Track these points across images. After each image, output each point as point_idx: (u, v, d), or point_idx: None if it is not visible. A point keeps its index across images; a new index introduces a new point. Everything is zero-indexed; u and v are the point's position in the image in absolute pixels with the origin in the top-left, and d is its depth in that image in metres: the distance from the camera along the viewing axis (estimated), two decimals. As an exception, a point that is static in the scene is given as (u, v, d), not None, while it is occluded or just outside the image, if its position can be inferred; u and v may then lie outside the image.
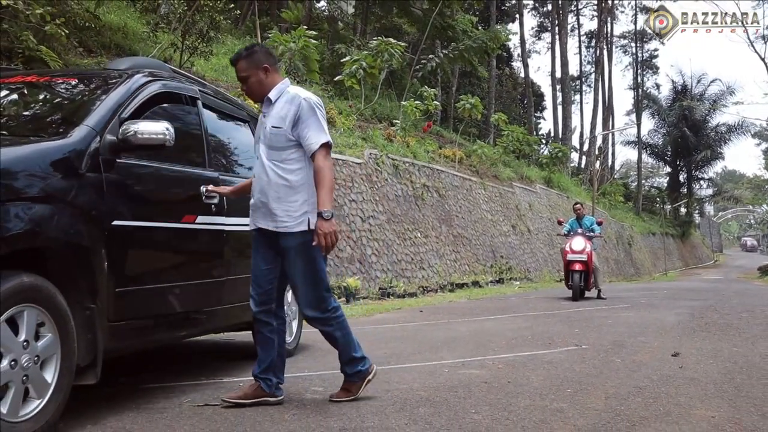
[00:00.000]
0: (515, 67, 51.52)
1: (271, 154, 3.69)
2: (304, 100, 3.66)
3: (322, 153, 3.64)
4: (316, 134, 3.65)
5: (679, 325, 7.85)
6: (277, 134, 3.65)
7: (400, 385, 4.22)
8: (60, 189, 3.12)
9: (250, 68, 3.70)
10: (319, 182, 3.61)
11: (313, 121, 3.65)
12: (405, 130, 19.73)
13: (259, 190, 3.74)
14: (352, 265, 13.88)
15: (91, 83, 4.02)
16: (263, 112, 3.79)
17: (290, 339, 5.50)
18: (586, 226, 12.16)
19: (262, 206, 3.72)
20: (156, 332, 3.89)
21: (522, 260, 23.48)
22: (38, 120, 3.75)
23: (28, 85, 4.06)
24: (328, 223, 3.53)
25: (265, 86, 3.73)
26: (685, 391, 4.12)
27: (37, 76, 4.20)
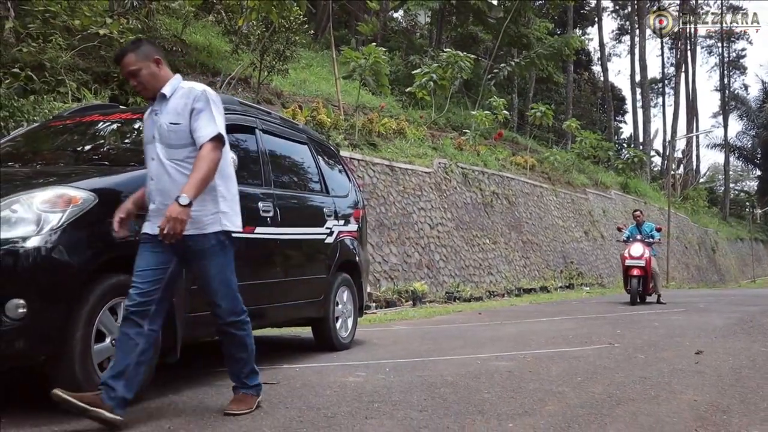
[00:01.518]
0: (595, 71, 51.13)
1: (170, 152, 3.45)
2: (200, 92, 3.49)
3: (211, 145, 3.40)
4: (207, 125, 3.43)
5: (723, 327, 8.17)
6: (176, 131, 3.44)
7: (433, 372, 4.87)
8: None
9: (140, 61, 3.47)
10: (195, 168, 3.35)
11: (207, 113, 3.45)
12: (475, 139, 20.27)
13: (161, 193, 3.46)
14: (420, 270, 14.55)
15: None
16: (155, 109, 3.55)
17: (345, 334, 6.26)
18: (645, 233, 12.44)
19: (166, 209, 3.33)
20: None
21: (594, 266, 23.60)
22: (132, 151, 4.60)
23: (125, 121, 4.95)
24: (181, 209, 3.23)
25: (159, 79, 3.51)
26: (686, 381, 4.60)
27: (131, 113, 5.09)
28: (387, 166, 14.94)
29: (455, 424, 3.33)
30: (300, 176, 5.97)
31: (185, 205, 3.23)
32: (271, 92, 15.93)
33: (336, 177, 6.61)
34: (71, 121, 5.02)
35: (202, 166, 3.34)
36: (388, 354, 5.87)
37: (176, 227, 3.22)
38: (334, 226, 6.03)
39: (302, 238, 5.52)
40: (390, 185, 14.75)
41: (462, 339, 7.16)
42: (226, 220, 3.56)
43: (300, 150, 6.01)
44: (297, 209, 5.57)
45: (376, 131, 16.10)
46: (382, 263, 13.41)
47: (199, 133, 3.41)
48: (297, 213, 5.54)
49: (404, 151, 16.40)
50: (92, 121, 5.02)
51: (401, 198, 14.94)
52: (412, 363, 5.33)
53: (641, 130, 44.85)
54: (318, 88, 18.41)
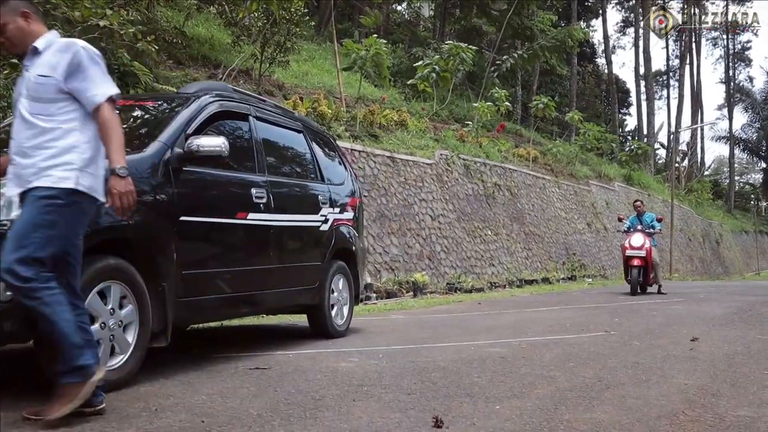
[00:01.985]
0: (599, 64, 50.95)
1: (35, 107, 3.08)
2: (81, 48, 3.14)
3: (109, 106, 3.11)
4: (100, 85, 3.12)
5: (722, 316, 8.16)
6: (45, 84, 3.08)
7: (426, 358, 4.87)
8: (139, 191, 3.94)
9: (6, 14, 3.13)
10: (107, 138, 3.09)
11: (96, 71, 3.13)
12: (477, 131, 20.24)
13: (18, 151, 3.09)
14: (421, 262, 14.55)
15: (166, 105, 4.87)
16: (25, 64, 3.21)
17: (341, 322, 6.28)
18: (646, 223, 12.42)
19: (23, 167, 3.04)
20: (217, 309, 4.72)
21: (597, 258, 23.58)
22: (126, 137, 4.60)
23: (120, 108, 4.96)
24: (123, 181, 3.06)
25: (29, 34, 3.16)
26: (678, 366, 4.60)
27: (123, 100, 5.10)
28: (388, 158, 14.94)
29: (442, 406, 3.33)
30: (294, 164, 5.98)
31: (125, 176, 3.06)
32: (273, 84, 15.93)
33: (332, 165, 6.61)
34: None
35: (112, 130, 3.09)
36: (383, 341, 5.88)
37: (126, 200, 3.07)
38: (329, 214, 6.04)
39: (296, 224, 5.52)
40: (391, 176, 14.74)
41: (459, 327, 7.16)
42: (77, 178, 3.04)
43: (295, 138, 6.01)
44: (291, 196, 5.58)
45: (378, 123, 16.07)
46: (382, 254, 13.43)
47: (92, 92, 3.09)
48: (291, 200, 5.55)
49: (406, 143, 16.39)
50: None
51: (402, 189, 14.94)
52: (406, 350, 5.34)
53: (645, 122, 44.77)
54: (320, 80, 18.41)
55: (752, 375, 4.31)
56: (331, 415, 3.16)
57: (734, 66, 62.59)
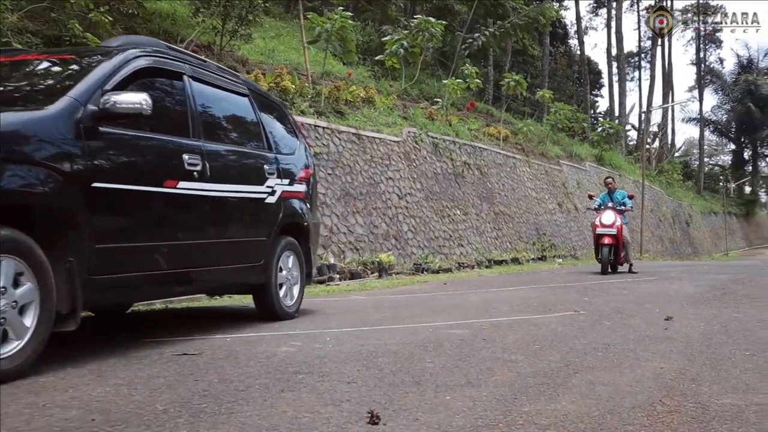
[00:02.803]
0: (571, 45, 50.62)
1: None
2: None
3: None
4: None
5: (695, 294, 7.82)
6: None
7: (377, 341, 4.41)
8: (43, 153, 3.42)
9: None
10: None
11: None
12: (446, 109, 19.78)
13: None
14: (388, 241, 14.11)
15: (83, 60, 4.32)
16: None
17: (291, 302, 5.78)
18: (617, 200, 12.07)
19: None
20: (142, 288, 4.20)
21: (568, 238, 23.32)
22: (30, 93, 4.06)
23: (28, 62, 4.41)
24: None
25: None
26: (652, 348, 4.20)
27: (37, 54, 4.55)
28: (354, 135, 14.44)
29: (384, 398, 2.87)
30: (237, 130, 5.45)
31: None
32: (236, 60, 15.27)
33: (282, 134, 6.10)
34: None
35: None
36: (335, 323, 5.41)
37: None
38: (276, 186, 5.54)
39: (237, 196, 5.00)
40: (357, 154, 14.25)
41: (420, 307, 6.72)
42: None
43: (239, 102, 5.48)
44: (231, 165, 5.05)
45: (344, 99, 15.54)
46: (347, 234, 12.96)
47: None
48: (231, 169, 5.03)
49: (372, 120, 15.89)
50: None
51: (368, 167, 14.45)
52: (358, 332, 4.88)
53: (617, 103, 44.56)
54: (287, 57, 17.76)
55: (733, 356, 3.92)
56: (251, 409, 2.68)
57: (705, 48, 62.77)
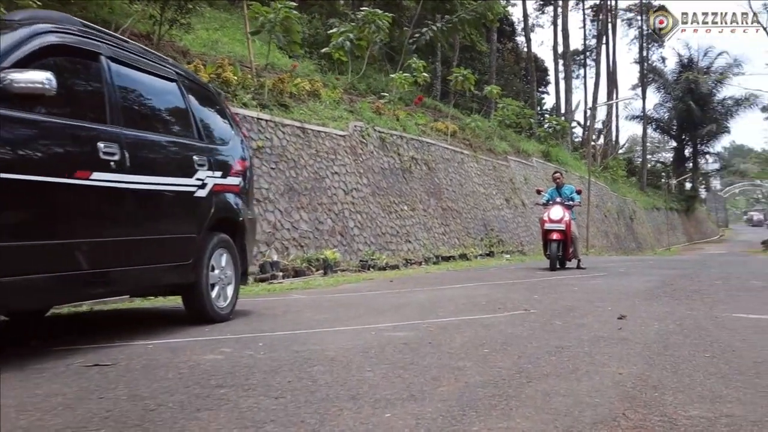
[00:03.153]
0: (518, 42, 50.88)
1: None
2: None
3: None
4: None
5: (645, 291, 7.65)
6: None
7: (314, 347, 4.05)
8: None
9: None
10: None
11: None
12: (394, 103, 19.48)
13: None
14: (333, 238, 13.74)
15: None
16: None
17: (224, 304, 5.38)
18: (565, 195, 11.91)
19: None
20: (50, 291, 3.74)
21: (515, 234, 23.28)
22: None
23: None
24: None
25: None
26: (608, 350, 3.93)
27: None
28: (298, 128, 14.02)
29: (314, 417, 2.52)
30: (163, 117, 5.00)
31: None
32: (177, 50, 14.68)
33: (215, 123, 5.68)
34: None
35: None
36: (271, 326, 5.02)
37: None
38: (207, 178, 5.12)
39: (161, 189, 4.57)
40: (301, 148, 13.84)
41: (364, 307, 6.37)
42: None
43: (165, 87, 5.03)
44: (155, 154, 4.61)
45: (288, 92, 15.10)
46: (291, 230, 12.55)
47: None
48: (155, 159, 4.59)
49: (318, 113, 15.49)
50: None
51: (313, 162, 14.05)
52: (295, 336, 4.51)
53: (563, 100, 45.03)
54: (231, 49, 17.19)
55: (693, 359, 3.68)
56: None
57: (648, 47, 63.89)
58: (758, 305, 6.39)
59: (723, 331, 4.71)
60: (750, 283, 8.75)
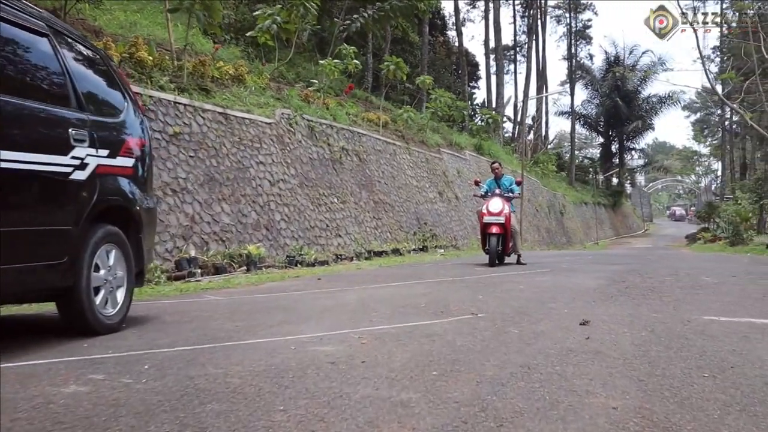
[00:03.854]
0: (450, 36, 50.49)
1: None
2: None
3: None
4: None
5: (597, 289, 6.99)
6: None
7: (214, 370, 3.14)
8: None
9: None
10: None
11: None
12: (323, 91, 18.55)
13: None
14: (258, 232, 12.77)
15: None
16: None
17: (112, 311, 4.40)
18: (504, 187, 11.22)
19: None
20: None
21: (449, 228, 22.68)
22: None
23: None
24: None
25: None
26: (585, 369, 3.17)
27: None
28: (220, 114, 12.98)
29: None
30: (26, 79, 3.97)
31: None
32: (89, 29, 13.42)
33: (101, 91, 4.68)
34: None
35: None
36: (169, 338, 4.08)
37: None
38: (89, 157, 4.13)
39: (19, 168, 3.57)
40: (223, 135, 12.81)
41: (285, 312, 5.47)
42: None
43: (33, 43, 4.01)
44: (12, 125, 3.61)
45: (210, 76, 14.03)
46: (211, 223, 11.52)
47: None
48: (12, 131, 3.59)
49: (242, 100, 14.45)
50: None
51: (237, 150, 13.03)
52: (195, 353, 3.59)
53: (494, 94, 44.81)
54: (151, 32, 15.92)
55: (692, 381, 2.94)
56: None
57: (576, 43, 64.64)
58: (723, 305, 5.79)
59: (704, 339, 4.02)
60: (701, 279, 8.22)
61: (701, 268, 10.32)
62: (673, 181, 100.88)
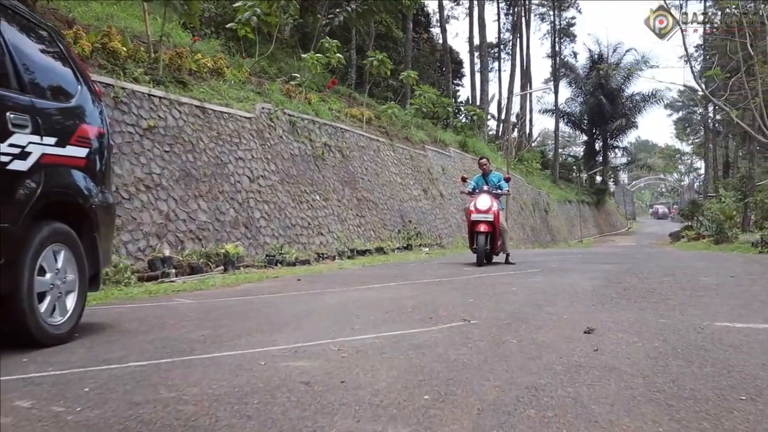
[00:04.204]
0: (434, 33, 50.04)
1: None
2: None
3: None
4: None
5: (595, 291, 6.55)
6: None
7: (167, 394, 2.66)
8: None
9: None
10: None
11: None
12: (305, 86, 18.04)
13: None
14: (236, 230, 12.26)
15: None
16: None
17: (61, 320, 3.91)
18: (492, 183, 10.76)
19: None
20: None
21: (434, 226, 22.25)
22: None
23: None
24: None
25: None
26: (601, 391, 2.72)
27: None
28: (197, 107, 12.46)
29: None
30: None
31: None
32: (61, 19, 12.83)
33: (48, 71, 4.17)
34: None
35: None
36: (122, 352, 3.59)
37: None
38: (31, 145, 3.63)
39: (-57, 155, 3.08)
40: (200, 129, 12.29)
41: (259, 317, 4.99)
42: None
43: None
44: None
45: (188, 68, 13.50)
46: (187, 221, 11.01)
47: None
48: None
49: (221, 93, 13.92)
50: None
51: (215, 145, 12.51)
52: (146, 371, 3.10)
53: (479, 92, 44.39)
54: (128, 24, 15.33)
55: (727, 404, 2.50)
56: None
57: (560, 41, 64.46)
58: (731, 309, 5.37)
59: (725, 350, 3.59)
60: (700, 280, 7.82)
61: (696, 267, 9.94)
62: (656, 180, 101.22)
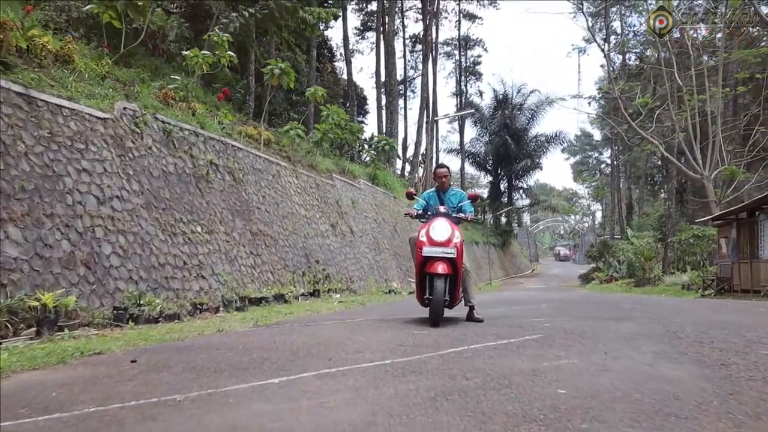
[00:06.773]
0: (338, 68, 47.15)
1: None
2: None
3: None
4: None
5: (709, 398, 3.29)
6: None
7: None
8: None
9: None
10: None
11: None
12: (188, 90, 14.42)
13: None
14: (72, 271, 8.49)
15: None
16: None
17: None
18: (451, 204, 7.40)
19: None
20: None
21: (344, 267, 18.78)
22: None
23: None
24: None
25: None
26: None
27: None
28: (21, 95, 8.73)
29: None
30: None
31: None
32: None
33: None
34: None
35: None
36: None
37: None
38: None
39: None
40: (23, 127, 8.57)
41: None
42: None
43: None
44: None
45: (15, 46, 9.75)
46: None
47: None
48: None
49: (65, 85, 10.17)
50: None
51: (44, 150, 8.78)
52: None
53: (385, 127, 41.61)
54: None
55: None
56: None
57: (466, 79, 63.23)
58: None
59: None
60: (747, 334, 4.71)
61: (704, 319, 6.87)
62: (554, 221, 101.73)
